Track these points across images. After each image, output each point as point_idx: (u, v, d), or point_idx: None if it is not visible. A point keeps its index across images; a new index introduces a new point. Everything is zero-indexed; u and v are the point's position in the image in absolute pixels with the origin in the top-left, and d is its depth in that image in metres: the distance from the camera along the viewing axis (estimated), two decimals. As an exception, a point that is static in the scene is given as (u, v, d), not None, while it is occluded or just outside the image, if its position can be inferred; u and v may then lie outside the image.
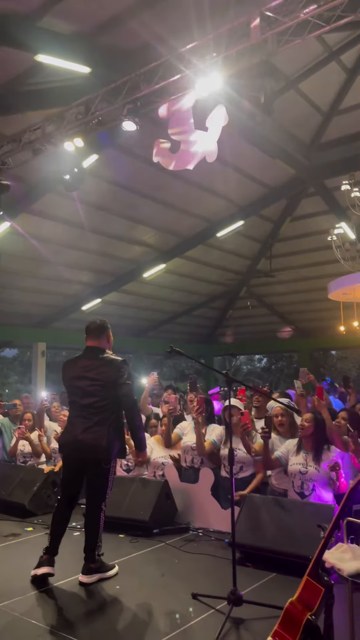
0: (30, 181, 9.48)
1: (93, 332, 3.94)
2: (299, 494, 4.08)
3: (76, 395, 3.79)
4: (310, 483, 4.04)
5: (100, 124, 5.94)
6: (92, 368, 3.78)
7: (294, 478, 4.13)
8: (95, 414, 3.69)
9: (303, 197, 13.46)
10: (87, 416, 3.70)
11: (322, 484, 4.03)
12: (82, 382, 3.76)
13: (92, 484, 3.77)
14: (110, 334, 4.03)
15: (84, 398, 3.73)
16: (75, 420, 3.76)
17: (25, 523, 4.93)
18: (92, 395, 3.71)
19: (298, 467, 4.12)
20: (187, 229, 13.24)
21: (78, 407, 3.77)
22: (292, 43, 4.37)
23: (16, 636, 2.87)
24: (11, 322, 14.19)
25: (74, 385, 3.81)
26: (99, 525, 3.71)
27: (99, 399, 3.71)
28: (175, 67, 4.94)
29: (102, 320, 4.03)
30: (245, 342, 20.33)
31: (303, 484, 4.07)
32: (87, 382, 3.74)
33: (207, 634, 2.82)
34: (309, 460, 4.09)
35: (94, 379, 3.74)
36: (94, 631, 2.95)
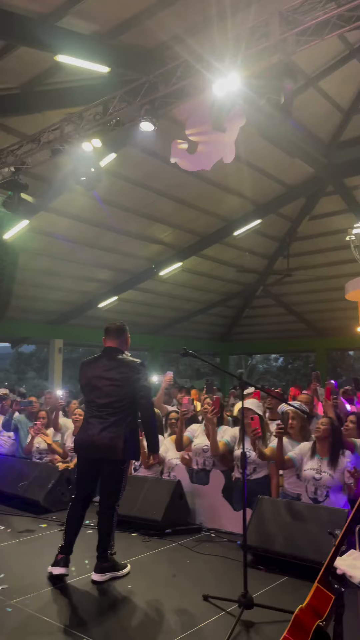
0: (48, 179, 9.56)
1: (113, 333, 3.99)
2: (312, 500, 4.06)
3: (94, 395, 3.83)
4: (324, 489, 4.02)
5: (118, 124, 5.95)
6: (111, 368, 3.82)
7: (308, 483, 4.12)
8: (112, 414, 3.73)
9: (321, 195, 13.36)
10: (104, 416, 3.74)
11: (336, 489, 4.01)
12: (102, 382, 3.80)
13: (106, 485, 3.80)
14: (129, 337, 4.08)
15: (102, 398, 3.77)
16: (92, 420, 3.80)
17: (40, 520, 4.99)
18: (111, 396, 3.76)
19: (312, 472, 4.09)
20: (204, 227, 13.23)
21: (95, 407, 3.81)
22: (312, 43, 4.32)
23: (29, 633, 2.92)
24: (29, 318, 14.35)
25: (92, 385, 3.85)
26: (112, 525, 3.75)
27: (117, 399, 3.75)
28: (194, 68, 4.93)
29: (122, 323, 4.10)
30: (262, 341, 20.26)
31: (317, 490, 4.05)
32: (106, 382, 3.79)
33: (217, 636, 2.83)
34: (324, 466, 4.06)
35: (113, 379, 3.78)
36: (105, 630, 2.98)
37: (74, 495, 3.87)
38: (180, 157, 5.54)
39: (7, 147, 7.02)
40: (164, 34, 6.81)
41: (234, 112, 5.05)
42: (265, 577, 3.66)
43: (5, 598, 3.33)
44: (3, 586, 3.50)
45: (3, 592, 3.41)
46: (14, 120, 8.20)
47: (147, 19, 6.68)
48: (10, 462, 6.04)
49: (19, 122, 8.24)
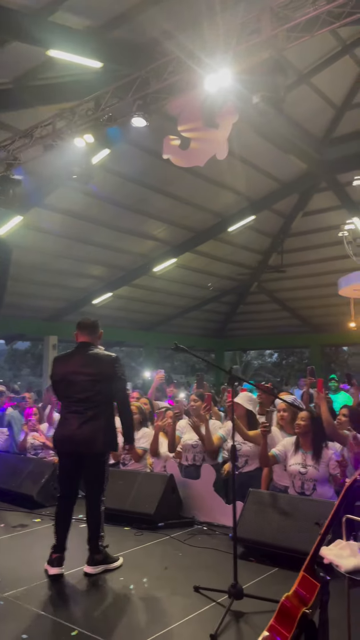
0: (41, 175, 9.54)
1: (86, 329, 4.00)
2: (299, 494, 4.10)
3: (71, 391, 3.84)
4: (310, 483, 4.06)
5: (111, 119, 5.97)
6: (87, 363, 3.83)
7: (294, 478, 4.15)
8: (90, 408, 3.76)
9: (315, 192, 13.40)
10: (82, 411, 3.76)
11: (323, 482, 4.06)
12: (78, 377, 3.81)
13: (90, 478, 3.84)
14: (101, 332, 4.09)
15: (80, 393, 3.79)
16: (70, 415, 3.81)
17: (34, 514, 5.02)
18: (88, 390, 3.78)
19: (297, 467, 4.13)
20: (198, 223, 13.24)
21: (73, 403, 3.82)
22: (303, 39, 4.34)
23: (21, 625, 2.94)
24: (23, 315, 14.33)
25: (68, 380, 3.85)
26: (100, 517, 3.79)
27: (95, 394, 3.78)
28: (185, 63, 4.94)
29: (94, 320, 4.11)
30: (256, 337, 20.32)
31: (303, 484, 4.09)
32: (83, 377, 3.80)
33: (207, 626, 2.87)
34: (308, 460, 4.09)
35: (90, 374, 3.80)
36: (97, 621, 3.01)
37: (60, 494, 3.90)
38: (173, 153, 5.55)
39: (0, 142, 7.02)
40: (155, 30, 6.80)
41: (226, 108, 5.07)
42: (255, 568, 3.70)
43: (-2, 591, 3.36)
44: (-4, 579, 3.53)
45: (-4, 585, 3.45)
46: (6, 115, 8.17)
47: (139, 14, 6.67)
48: (3, 458, 6.06)
49: (12, 117, 8.20)
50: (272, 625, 2.09)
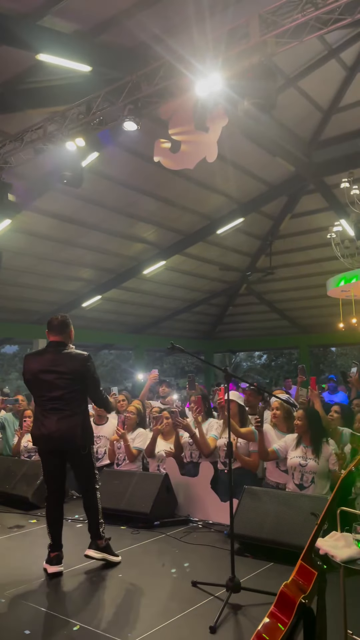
0: (31, 178, 9.56)
1: (56, 328, 3.98)
2: (298, 486, 4.20)
3: (44, 389, 3.85)
4: (309, 475, 4.16)
5: (102, 123, 6.01)
6: (58, 362, 3.84)
7: (294, 470, 4.25)
8: (66, 405, 3.79)
9: (303, 194, 13.55)
10: (59, 408, 3.79)
11: (322, 476, 4.16)
12: (50, 375, 3.82)
13: (79, 472, 3.91)
14: (72, 330, 4.09)
15: (54, 391, 3.81)
16: (46, 413, 3.83)
17: (29, 515, 5.04)
18: (62, 388, 3.80)
19: (298, 459, 4.23)
20: (187, 225, 13.32)
21: (48, 401, 3.83)
22: (291, 45, 4.44)
23: (24, 621, 2.98)
24: (12, 318, 14.29)
25: (40, 379, 3.86)
26: (97, 504, 3.85)
27: (68, 391, 3.80)
28: (176, 68, 5.01)
29: (64, 316, 4.09)
30: (246, 338, 20.45)
31: (303, 476, 4.19)
32: (55, 375, 3.81)
33: (206, 619, 2.92)
34: (309, 453, 4.21)
35: (62, 373, 3.81)
36: (98, 616, 3.06)
37: (47, 493, 3.94)
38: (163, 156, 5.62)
39: (-10, 146, 7.04)
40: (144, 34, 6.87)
41: (216, 112, 5.15)
42: (251, 563, 3.77)
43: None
44: (-5, 579, 3.56)
45: (-5, 585, 3.48)
46: (-5, 119, 8.19)
47: (128, 18, 6.73)
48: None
49: (1, 120, 8.23)
50: (273, 612, 2.15)
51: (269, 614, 2.15)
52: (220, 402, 4.87)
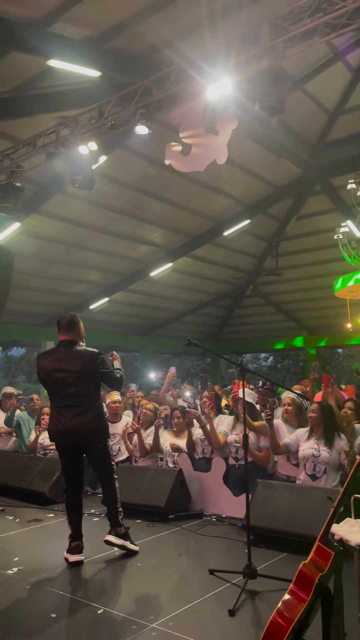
0: (39, 182, 9.71)
1: (65, 327, 4.08)
2: (310, 476, 4.30)
3: (57, 388, 3.96)
4: (322, 466, 4.26)
5: (113, 127, 6.14)
6: (68, 360, 3.94)
7: (307, 461, 4.35)
8: (79, 401, 3.89)
9: (309, 195, 13.65)
10: (72, 405, 3.89)
11: (333, 468, 4.26)
12: (62, 374, 3.92)
13: (96, 465, 4.05)
14: (82, 327, 4.17)
15: (66, 389, 3.91)
16: (61, 410, 3.93)
17: (47, 510, 5.16)
18: (74, 385, 3.90)
19: (311, 450, 4.34)
20: (194, 228, 13.45)
21: (62, 398, 3.94)
22: (300, 49, 4.55)
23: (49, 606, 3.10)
24: (20, 321, 14.45)
25: (53, 378, 3.97)
26: (115, 493, 3.97)
27: (80, 388, 3.90)
28: (187, 73, 5.13)
29: (73, 315, 4.19)
30: (252, 340, 20.53)
31: (315, 466, 4.29)
32: (66, 373, 3.91)
33: (224, 603, 3.03)
34: (321, 445, 4.31)
35: (73, 370, 3.91)
36: (119, 600, 3.17)
37: (66, 486, 4.06)
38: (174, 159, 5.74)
39: (4, 150, 7.18)
40: (154, 39, 7.01)
41: (226, 115, 5.26)
42: (266, 553, 3.87)
43: (22, 577, 3.51)
44: (19, 568, 3.68)
45: (19, 573, 3.60)
46: (5, 124, 8.34)
47: (137, 24, 6.87)
48: (14, 457, 6.19)
49: (11, 126, 8.38)
50: (292, 590, 2.26)
51: (288, 592, 2.26)
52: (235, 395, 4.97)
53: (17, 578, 3.51)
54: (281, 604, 2.25)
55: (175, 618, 2.90)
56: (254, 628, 2.81)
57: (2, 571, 3.62)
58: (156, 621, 2.87)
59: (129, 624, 2.85)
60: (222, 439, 5.11)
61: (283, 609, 2.23)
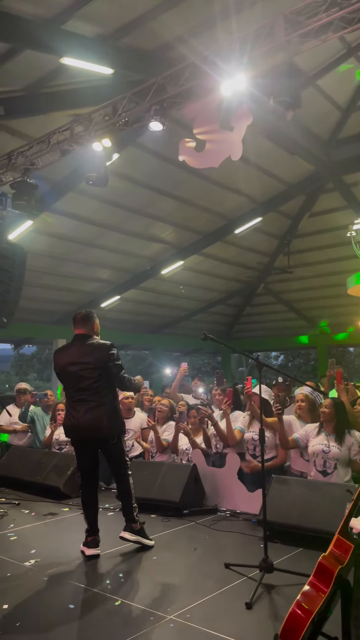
0: (52, 180, 9.75)
1: (80, 321, 4.15)
2: (321, 472, 4.29)
3: (71, 381, 4.01)
4: (332, 462, 4.25)
5: (127, 124, 6.15)
6: (82, 353, 3.98)
7: (317, 457, 4.34)
8: (92, 395, 3.91)
9: (321, 192, 13.57)
10: (86, 399, 3.92)
11: (344, 463, 4.26)
12: (76, 367, 3.96)
13: (109, 460, 4.05)
14: (97, 322, 4.22)
15: (79, 382, 3.95)
16: (74, 404, 3.97)
17: (61, 504, 5.19)
18: (87, 379, 3.92)
19: (320, 446, 4.33)
20: (205, 225, 13.42)
21: (75, 392, 3.98)
22: (315, 44, 4.53)
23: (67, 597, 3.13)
24: (32, 319, 14.51)
25: (67, 372, 4.01)
26: (130, 489, 3.96)
27: (93, 381, 3.92)
28: (201, 69, 5.12)
29: (88, 310, 4.28)
30: (263, 338, 20.47)
31: (325, 462, 4.29)
32: (79, 366, 3.95)
33: (241, 597, 3.04)
34: (331, 441, 4.31)
35: (86, 363, 3.94)
36: (136, 593, 3.20)
37: (81, 481, 4.10)
38: (188, 155, 5.73)
39: (17, 148, 7.22)
40: (168, 35, 7.00)
41: (241, 111, 5.25)
42: (281, 548, 3.87)
43: (40, 569, 3.54)
44: (36, 559, 3.71)
45: (37, 565, 3.63)
46: (18, 122, 8.39)
47: (151, 20, 6.88)
48: (28, 452, 6.24)
49: (24, 124, 8.43)
50: (312, 581, 2.26)
51: (308, 583, 2.26)
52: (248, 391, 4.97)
53: (35, 570, 3.54)
54: (300, 595, 2.25)
55: (192, 610, 2.92)
56: (271, 621, 2.81)
57: (19, 563, 3.66)
58: (174, 613, 2.88)
59: (147, 616, 2.87)
60: (237, 435, 5.12)
61: (302, 600, 2.23)
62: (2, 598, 3.09)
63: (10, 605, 3.01)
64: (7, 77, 7.47)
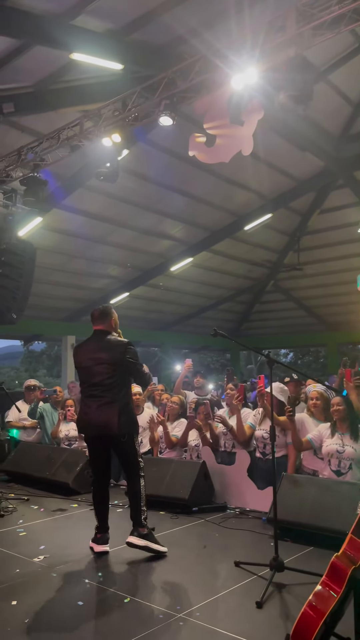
0: (61, 177, 9.74)
1: (98, 318, 4.14)
2: (335, 472, 4.24)
3: (87, 376, 3.99)
4: (347, 462, 4.20)
5: (137, 119, 6.11)
6: (99, 349, 3.97)
7: (331, 457, 4.29)
8: (105, 391, 3.87)
9: (332, 189, 13.46)
10: (98, 395, 3.89)
11: (359, 462, 4.19)
12: (90, 362, 3.95)
13: (121, 459, 4.00)
14: (115, 318, 4.19)
15: (94, 377, 3.92)
16: (87, 400, 3.96)
17: (70, 500, 5.19)
18: (101, 374, 3.90)
19: (335, 446, 4.27)
20: (215, 222, 13.37)
21: (89, 387, 3.96)
22: (328, 37, 4.47)
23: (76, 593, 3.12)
24: (41, 315, 14.55)
25: (84, 366, 4.01)
26: (139, 491, 3.85)
27: (107, 377, 3.88)
28: (212, 63, 5.07)
29: (106, 306, 4.26)
30: (272, 336, 20.39)
31: (340, 462, 4.23)
32: (94, 362, 3.93)
33: (251, 595, 3.00)
34: (346, 440, 4.25)
35: (102, 359, 3.92)
36: (145, 590, 3.18)
37: (93, 477, 4.08)
38: (198, 150, 5.68)
39: (27, 144, 7.21)
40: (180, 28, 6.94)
41: (251, 106, 5.19)
42: (292, 547, 3.83)
43: (49, 565, 3.54)
44: (45, 555, 3.71)
45: (46, 561, 3.63)
46: (27, 118, 8.38)
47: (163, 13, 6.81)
48: (37, 448, 6.24)
49: (33, 120, 8.42)
50: (324, 581, 2.22)
51: (320, 583, 2.22)
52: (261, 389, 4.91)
53: (44, 566, 3.54)
54: (313, 595, 2.21)
55: (202, 609, 2.89)
56: (282, 620, 2.78)
57: (28, 559, 3.66)
58: (183, 611, 2.86)
59: (156, 614, 2.84)
60: (248, 431, 5.08)
61: (314, 600, 2.20)
62: (10, 594, 3.08)
63: (18, 601, 3.00)
64: (17, 73, 7.46)
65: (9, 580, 3.30)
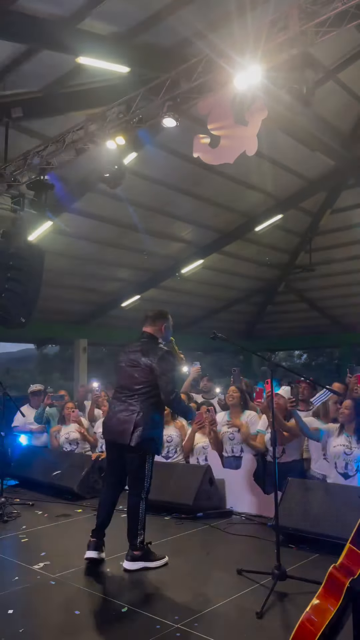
0: (71, 181, 9.76)
1: (149, 319, 4.00)
2: (342, 475, 4.16)
3: (118, 377, 3.88)
4: (355, 463, 4.12)
5: (141, 121, 6.09)
6: (137, 351, 3.80)
7: (338, 459, 4.22)
8: (130, 397, 3.69)
9: (343, 188, 13.30)
10: (122, 399, 3.73)
11: (366, 464, 4.12)
12: (125, 363, 3.83)
13: (129, 471, 3.73)
14: (165, 325, 4.01)
15: (123, 380, 3.80)
16: (113, 402, 3.84)
17: (75, 505, 5.16)
18: (129, 378, 3.73)
19: (342, 448, 4.21)
20: (225, 224, 13.29)
21: (117, 389, 3.84)
22: (331, 34, 4.39)
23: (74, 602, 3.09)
24: (53, 319, 14.58)
25: (118, 367, 3.88)
26: (138, 513, 3.61)
27: (135, 382, 3.69)
28: (215, 63, 5.03)
29: (162, 310, 4.09)
30: (285, 337, 20.23)
31: (347, 464, 4.16)
32: (129, 364, 3.79)
33: (252, 605, 2.94)
34: (353, 442, 4.18)
35: (135, 362, 3.75)
36: (145, 599, 3.13)
37: (104, 479, 3.99)
38: (203, 151, 5.64)
39: (33, 148, 7.23)
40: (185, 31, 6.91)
41: (255, 105, 5.14)
42: (296, 554, 3.76)
43: (48, 573, 3.50)
44: (45, 563, 3.67)
45: (46, 568, 3.60)
46: (36, 123, 8.41)
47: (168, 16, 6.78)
48: (43, 453, 6.24)
49: (42, 124, 8.44)
50: (321, 594, 2.15)
51: (317, 596, 2.16)
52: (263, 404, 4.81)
53: (43, 573, 3.51)
54: (310, 608, 2.15)
55: (200, 619, 2.84)
56: (282, 631, 2.71)
57: (28, 566, 3.63)
58: (181, 622, 2.80)
59: (153, 624, 2.79)
60: (259, 440, 5.00)
61: (312, 613, 2.13)
62: (7, 603, 3.06)
63: (15, 610, 2.98)
64: (25, 79, 7.48)
65: (7, 588, 3.28)
